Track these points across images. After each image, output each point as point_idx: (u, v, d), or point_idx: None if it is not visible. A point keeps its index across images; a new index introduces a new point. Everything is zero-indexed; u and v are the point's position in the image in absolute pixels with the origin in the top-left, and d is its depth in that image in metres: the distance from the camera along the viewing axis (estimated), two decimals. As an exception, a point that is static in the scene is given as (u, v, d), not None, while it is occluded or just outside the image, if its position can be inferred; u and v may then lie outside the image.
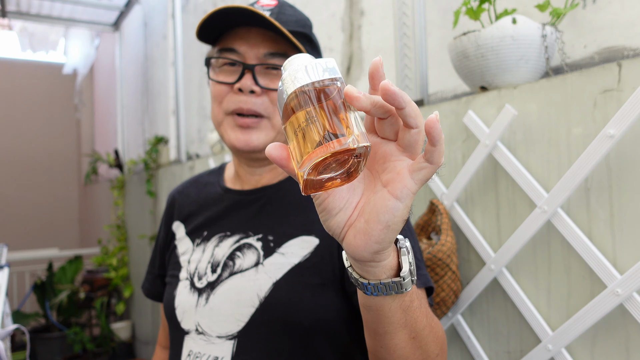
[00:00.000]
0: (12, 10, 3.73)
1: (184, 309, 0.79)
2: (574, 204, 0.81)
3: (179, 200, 0.91)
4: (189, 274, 0.81)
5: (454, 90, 1.29)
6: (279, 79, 0.72)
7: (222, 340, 0.74)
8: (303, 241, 0.75)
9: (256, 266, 0.75)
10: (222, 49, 0.76)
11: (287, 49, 0.76)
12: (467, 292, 0.97)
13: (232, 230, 0.80)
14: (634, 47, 0.91)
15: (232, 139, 0.76)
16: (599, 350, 0.78)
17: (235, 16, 0.72)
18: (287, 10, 0.78)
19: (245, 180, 0.84)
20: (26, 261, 4.09)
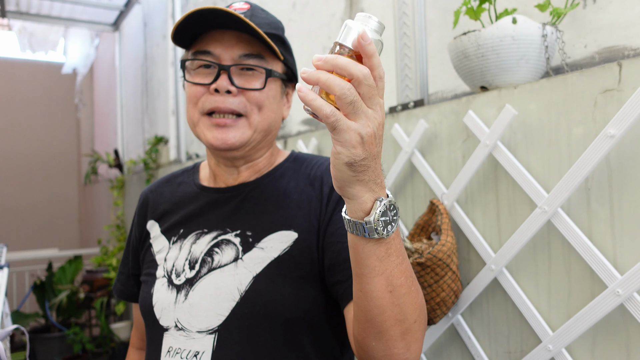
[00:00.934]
0: (11, 10, 3.73)
1: (162, 306, 0.79)
2: (575, 204, 0.81)
3: (152, 200, 0.91)
4: (166, 271, 0.81)
5: (454, 90, 1.29)
6: (255, 79, 0.77)
7: (203, 335, 0.75)
8: (282, 235, 0.77)
9: (235, 261, 0.77)
10: (197, 51, 0.78)
11: (261, 50, 0.77)
12: (468, 292, 0.97)
13: (209, 227, 0.82)
14: (635, 47, 0.91)
15: (210, 138, 0.77)
16: (600, 350, 0.78)
17: (210, 18, 0.74)
18: (259, 14, 0.80)
19: (221, 178, 0.86)
20: (26, 261, 4.08)
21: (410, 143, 1.08)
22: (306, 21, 1.95)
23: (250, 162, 0.84)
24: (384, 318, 0.59)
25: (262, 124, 0.79)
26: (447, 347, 1.05)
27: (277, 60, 0.80)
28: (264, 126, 0.80)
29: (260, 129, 0.79)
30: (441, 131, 1.04)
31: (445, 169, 1.03)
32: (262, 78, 0.77)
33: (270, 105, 0.80)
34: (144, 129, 3.90)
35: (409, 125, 1.11)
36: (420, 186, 1.10)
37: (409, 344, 0.61)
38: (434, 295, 0.93)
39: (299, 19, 2.00)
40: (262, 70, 0.77)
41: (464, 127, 0.99)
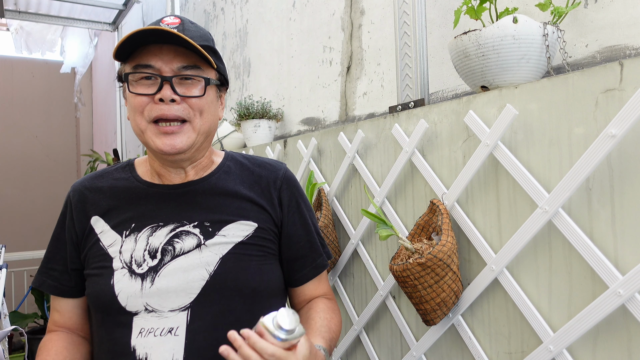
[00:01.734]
0: (10, 9, 3.72)
1: (127, 294, 0.84)
2: (576, 204, 0.81)
3: (91, 196, 0.94)
4: (124, 262, 0.86)
5: (455, 90, 1.29)
6: (194, 87, 0.86)
7: (175, 313, 0.83)
8: (241, 224, 0.90)
9: (199, 247, 0.87)
10: (138, 65, 0.84)
11: (196, 60, 0.86)
12: (468, 292, 0.96)
13: (164, 221, 0.89)
14: (636, 46, 0.90)
15: (159, 144, 0.84)
16: (601, 351, 0.78)
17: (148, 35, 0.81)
18: (189, 27, 0.87)
19: (168, 177, 0.93)
20: (24, 261, 4.07)
21: (410, 143, 1.08)
22: (306, 21, 1.95)
23: (195, 162, 0.92)
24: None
25: (204, 127, 0.88)
26: (447, 348, 1.04)
27: (211, 69, 0.89)
28: (206, 129, 0.89)
29: (203, 132, 0.88)
30: (442, 131, 1.03)
31: (446, 169, 1.03)
32: (200, 86, 0.86)
33: (209, 109, 0.88)
34: (143, 129, 3.89)
35: (409, 125, 1.11)
36: (421, 186, 1.10)
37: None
38: (434, 295, 0.92)
39: (298, 19, 2.00)
40: (200, 79, 0.86)
41: (465, 127, 0.98)
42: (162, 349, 0.81)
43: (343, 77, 1.72)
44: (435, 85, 1.33)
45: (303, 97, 1.95)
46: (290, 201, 0.96)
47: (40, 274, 0.97)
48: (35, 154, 5.95)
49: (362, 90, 1.62)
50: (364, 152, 1.25)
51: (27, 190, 5.83)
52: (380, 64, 1.55)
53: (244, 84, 2.47)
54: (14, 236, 5.25)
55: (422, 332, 1.09)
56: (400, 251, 1.02)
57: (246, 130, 1.94)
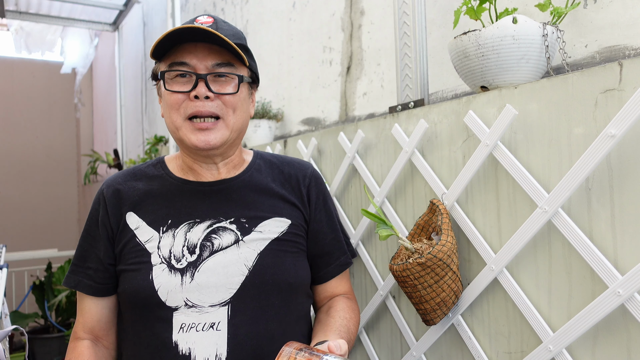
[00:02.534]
0: (10, 9, 3.72)
1: (167, 289, 0.85)
2: (575, 204, 0.81)
3: (125, 192, 0.94)
4: (162, 258, 0.87)
5: (455, 90, 1.29)
6: (228, 84, 0.87)
7: (216, 308, 0.84)
8: (276, 221, 0.92)
9: (237, 243, 0.88)
10: (173, 62, 0.86)
11: (230, 58, 0.87)
12: (468, 292, 0.97)
13: (201, 217, 0.90)
14: (636, 47, 0.91)
15: (194, 140, 0.86)
16: (600, 351, 0.78)
17: (184, 34, 0.83)
18: (223, 26, 0.89)
19: (201, 174, 0.94)
20: (25, 261, 4.08)
21: (410, 143, 1.08)
22: (306, 21, 1.95)
23: (226, 158, 0.94)
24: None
25: (237, 124, 0.89)
26: (447, 348, 1.05)
27: (244, 66, 0.90)
28: (239, 125, 0.90)
29: (236, 129, 0.90)
30: (441, 131, 1.04)
31: (446, 169, 1.03)
32: (234, 83, 0.88)
33: (242, 106, 0.90)
34: (144, 129, 3.90)
35: (409, 125, 1.11)
36: (421, 186, 1.10)
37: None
38: (434, 295, 0.93)
39: (299, 19, 2.00)
40: (234, 77, 0.87)
41: (465, 127, 0.98)
42: (205, 344, 0.81)
43: (343, 77, 1.72)
44: (435, 86, 1.33)
45: (303, 97, 1.95)
46: (318, 198, 0.99)
47: (74, 273, 0.95)
48: (36, 154, 5.95)
49: (362, 91, 1.62)
50: (364, 152, 1.26)
51: (27, 190, 5.84)
52: (380, 64, 1.55)
53: (244, 84, 2.47)
54: (14, 236, 5.25)
55: (422, 332, 1.09)
56: (400, 251, 1.02)
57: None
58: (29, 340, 3.22)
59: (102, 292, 0.94)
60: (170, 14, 2.82)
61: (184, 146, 0.90)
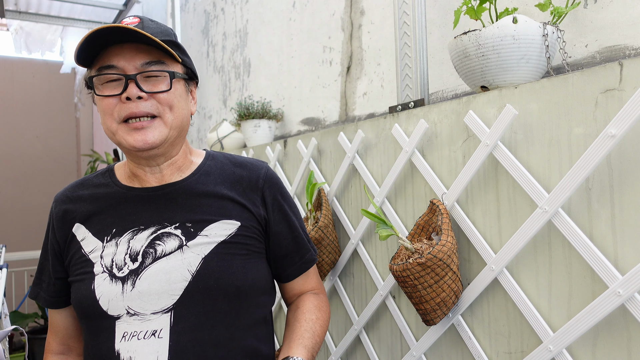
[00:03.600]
0: (10, 9, 3.72)
1: (108, 298, 0.84)
2: (575, 204, 0.81)
3: (72, 205, 0.94)
4: (104, 267, 0.86)
5: (455, 90, 1.29)
6: (160, 82, 0.85)
7: (158, 315, 0.82)
8: (224, 224, 0.89)
9: (180, 248, 0.86)
10: (101, 67, 0.83)
11: (159, 56, 0.85)
12: (468, 292, 0.97)
13: (145, 224, 0.88)
14: (636, 47, 0.90)
15: (131, 141, 0.83)
16: (600, 351, 0.78)
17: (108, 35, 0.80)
18: (150, 24, 0.86)
19: (145, 179, 0.92)
20: (24, 261, 4.07)
21: (410, 143, 1.08)
22: (306, 21, 1.95)
23: (169, 158, 0.91)
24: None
25: (175, 121, 0.86)
26: (447, 348, 1.04)
27: (176, 63, 0.88)
28: (178, 123, 0.87)
29: (175, 126, 0.87)
30: (441, 131, 1.04)
31: (446, 169, 1.03)
32: (166, 81, 0.85)
33: (179, 103, 0.87)
34: (143, 129, 3.89)
35: (409, 125, 1.11)
36: (421, 186, 1.10)
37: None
38: (434, 295, 0.92)
39: (299, 19, 2.00)
40: (165, 74, 0.85)
41: (465, 127, 0.98)
42: (146, 352, 0.80)
43: (343, 77, 1.72)
44: (435, 85, 1.33)
45: (303, 97, 1.95)
46: (274, 200, 0.96)
47: (34, 285, 0.99)
48: (36, 154, 5.95)
49: (362, 90, 1.62)
50: (364, 152, 1.26)
51: (27, 190, 5.83)
52: (380, 64, 1.55)
53: (244, 84, 2.47)
54: (14, 236, 5.25)
55: (422, 332, 1.09)
56: (400, 251, 1.02)
57: (246, 131, 1.94)
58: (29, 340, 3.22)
59: (56, 305, 0.96)
60: (170, 14, 2.82)
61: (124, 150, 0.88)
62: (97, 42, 0.81)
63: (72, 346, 0.98)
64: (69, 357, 0.97)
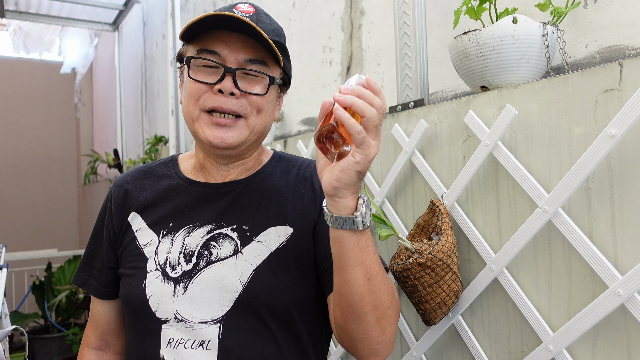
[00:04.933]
0: (10, 9, 3.72)
1: (158, 299, 0.80)
2: (575, 204, 0.81)
3: (132, 192, 0.90)
4: (158, 264, 0.82)
5: (455, 90, 1.29)
6: (257, 83, 0.80)
7: (207, 325, 0.78)
8: (278, 230, 0.83)
9: (235, 255, 0.81)
10: (202, 49, 0.79)
11: (264, 55, 0.80)
12: (468, 292, 0.97)
13: (202, 221, 0.84)
14: (636, 47, 0.90)
15: (209, 135, 0.79)
16: (600, 351, 0.78)
17: (220, 20, 0.76)
18: (264, 19, 0.81)
19: (212, 174, 0.87)
20: (25, 261, 4.08)
21: (410, 143, 1.08)
22: (306, 21, 1.95)
23: (240, 160, 0.87)
24: (362, 304, 0.70)
25: (259, 126, 0.82)
26: (447, 348, 1.04)
27: (277, 67, 0.83)
28: (261, 128, 0.83)
29: (257, 131, 0.82)
30: (441, 131, 1.04)
31: (446, 169, 1.03)
32: (264, 83, 0.80)
33: (268, 109, 0.83)
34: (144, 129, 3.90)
35: (409, 125, 1.11)
36: (421, 186, 1.10)
37: (383, 328, 0.72)
38: (434, 295, 0.92)
39: (298, 19, 2.00)
40: (265, 77, 0.80)
41: (465, 127, 0.98)
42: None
43: (343, 78, 1.72)
44: (435, 85, 1.33)
45: (303, 97, 1.95)
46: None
47: (81, 271, 0.94)
48: (36, 154, 5.95)
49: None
50: (364, 152, 1.26)
51: (27, 190, 5.84)
52: (380, 64, 1.55)
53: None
54: (14, 236, 5.25)
55: (422, 332, 1.09)
56: (400, 251, 1.02)
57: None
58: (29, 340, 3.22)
59: (105, 295, 0.92)
60: (170, 14, 2.82)
61: (198, 140, 0.83)
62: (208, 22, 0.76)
63: (110, 342, 0.94)
64: (106, 354, 0.94)
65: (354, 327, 0.72)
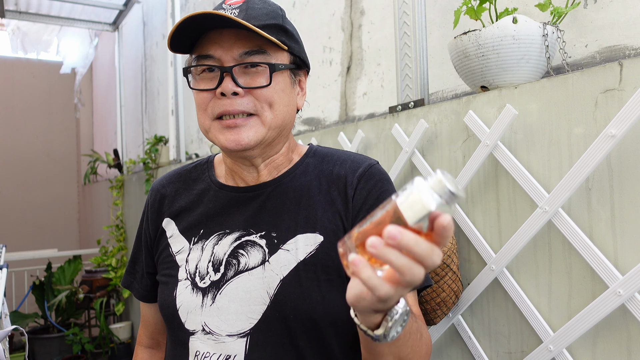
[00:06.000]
0: (10, 9, 3.72)
1: (187, 309, 0.77)
2: (575, 204, 0.81)
3: (168, 196, 0.88)
4: (188, 273, 0.80)
5: (455, 90, 1.29)
6: (260, 75, 0.74)
7: (234, 339, 0.74)
8: (307, 238, 0.76)
9: (263, 264, 0.76)
10: (198, 55, 0.76)
11: (262, 43, 0.74)
12: (468, 292, 0.97)
13: (231, 228, 0.80)
14: (636, 47, 0.90)
15: (223, 141, 0.75)
16: (600, 351, 0.78)
17: (203, 21, 0.72)
18: (255, 4, 0.76)
19: (241, 176, 0.83)
20: (25, 261, 4.07)
21: (410, 143, 1.08)
22: (306, 21, 1.95)
23: (267, 158, 0.81)
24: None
25: (275, 120, 0.76)
26: (447, 348, 1.04)
27: (281, 51, 0.77)
28: (278, 122, 0.77)
29: (274, 126, 0.76)
30: (441, 131, 1.04)
31: (446, 169, 1.03)
32: (266, 74, 0.75)
33: (280, 99, 0.77)
34: (144, 129, 3.90)
35: (409, 125, 1.11)
36: (421, 186, 1.10)
37: None
38: (434, 295, 0.92)
39: (299, 19, 2.00)
40: (265, 66, 0.74)
41: (465, 127, 0.98)
42: None
43: (343, 77, 1.72)
44: (435, 85, 1.33)
45: (303, 97, 1.95)
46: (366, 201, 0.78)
47: (128, 274, 0.94)
48: (36, 154, 5.95)
49: (362, 91, 1.62)
50: (364, 152, 1.26)
51: (27, 190, 5.84)
52: (380, 64, 1.55)
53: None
54: (14, 236, 5.25)
55: (422, 332, 1.09)
56: (400, 251, 1.02)
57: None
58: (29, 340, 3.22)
59: (148, 299, 0.91)
60: (170, 14, 2.82)
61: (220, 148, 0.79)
62: (194, 27, 0.72)
63: (160, 342, 0.94)
64: (158, 353, 0.94)
65: None
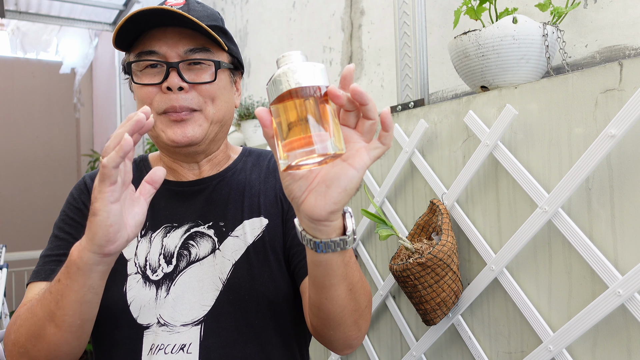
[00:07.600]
0: (10, 9, 3.72)
1: (140, 304, 0.77)
2: (575, 204, 0.81)
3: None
4: (138, 266, 0.79)
5: (455, 90, 1.29)
6: (204, 72, 0.78)
7: (188, 328, 0.76)
8: (253, 222, 0.82)
9: (213, 252, 0.80)
10: (141, 52, 0.77)
11: (205, 42, 0.78)
12: (468, 292, 0.97)
13: (179, 221, 0.82)
14: (636, 47, 0.91)
15: (170, 134, 0.77)
16: (600, 351, 0.78)
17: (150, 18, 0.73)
18: (195, 7, 0.79)
19: (182, 173, 0.86)
20: (25, 261, 4.07)
21: (410, 143, 1.08)
22: (306, 21, 1.95)
23: (209, 154, 0.85)
24: (343, 314, 0.66)
25: (217, 115, 0.80)
26: (447, 348, 1.05)
27: (222, 51, 0.81)
28: (219, 117, 0.81)
29: (216, 121, 0.81)
30: (441, 131, 1.04)
31: (446, 169, 1.03)
32: (211, 71, 0.78)
33: (222, 96, 0.81)
34: (143, 129, 3.89)
35: (409, 125, 1.11)
36: (421, 186, 1.10)
37: (360, 326, 0.70)
38: (434, 295, 0.93)
39: (299, 19, 2.00)
40: (210, 63, 0.78)
41: (465, 127, 0.98)
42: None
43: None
44: (435, 85, 1.33)
45: (303, 97, 1.95)
46: None
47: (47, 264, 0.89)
48: (36, 154, 5.95)
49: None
50: (364, 152, 1.26)
51: (27, 190, 5.83)
52: (380, 64, 1.55)
53: (244, 84, 2.47)
54: (14, 236, 5.25)
55: (422, 332, 1.09)
56: (400, 251, 1.02)
57: (246, 131, 1.94)
58: (29, 340, 3.21)
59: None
60: (170, 14, 2.82)
61: (161, 144, 0.81)
62: (138, 24, 0.74)
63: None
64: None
65: (331, 333, 0.69)
